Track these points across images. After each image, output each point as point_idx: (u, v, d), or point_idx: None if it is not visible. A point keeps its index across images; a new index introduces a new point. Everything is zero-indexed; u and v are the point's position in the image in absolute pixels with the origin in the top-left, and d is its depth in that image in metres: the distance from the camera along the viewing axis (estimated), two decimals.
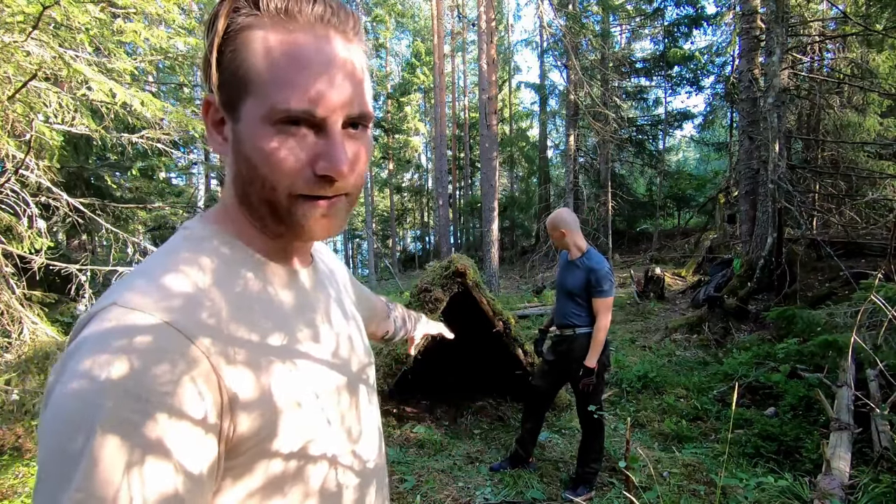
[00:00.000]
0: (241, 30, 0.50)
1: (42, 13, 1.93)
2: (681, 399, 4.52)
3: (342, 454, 0.59)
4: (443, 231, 18.18)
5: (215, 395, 0.46)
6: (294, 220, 0.53)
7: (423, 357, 3.71)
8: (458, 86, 26.62)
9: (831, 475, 2.56)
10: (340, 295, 0.70)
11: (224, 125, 0.54)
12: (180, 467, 0.42)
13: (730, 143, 16.04)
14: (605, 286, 2.87)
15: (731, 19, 14.21)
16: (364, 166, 0.56)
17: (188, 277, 0.50)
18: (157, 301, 0.46)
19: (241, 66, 0.50)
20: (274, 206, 0.52)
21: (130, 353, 0.42)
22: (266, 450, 0.50)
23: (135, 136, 3.22)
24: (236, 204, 0.56)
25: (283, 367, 0.52)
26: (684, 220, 17.74)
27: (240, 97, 0.50)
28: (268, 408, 0.50)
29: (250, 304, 0.53)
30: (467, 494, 2.99)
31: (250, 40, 0.49)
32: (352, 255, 33.56)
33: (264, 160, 0.50)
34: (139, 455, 0.40)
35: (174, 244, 0.55)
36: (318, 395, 0.56)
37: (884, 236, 8.20)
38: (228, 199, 0.58)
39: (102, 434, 0.40)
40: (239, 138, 0.52)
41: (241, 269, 0.55)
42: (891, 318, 1.88)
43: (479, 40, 12.07)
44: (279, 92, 0.48)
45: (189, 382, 0.44)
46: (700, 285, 8.89)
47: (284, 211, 0.52)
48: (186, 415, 0.43)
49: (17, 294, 2.72)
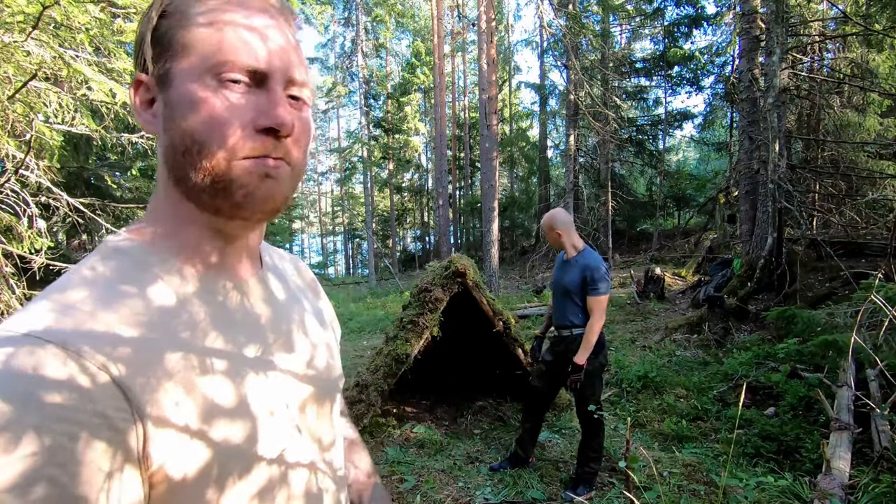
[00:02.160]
0: (179, 6, 0.49)
1: (42, 13, 1.93)
2: (681, 399, 4.52)
3: (316, 462, 0.59)
4: (443, 231, 18.18)
5: (126, 417, 0.41)
6: (235, 186, 0.48)
7: (423, 357, 3.71)
8: (458, 86, 26.61)
9: (831, 475, 2.56)
10: (296, 304, 0.65)
11: (154, 104, 0.51)
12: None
13: (730, 143, 16.03)
14: (599, 284, 2.86)
15: (731, 19, 14.20)
16: (306, 142, 0.53)
17: (93, 294, 0.45)
18: (52, 321, 0.42)
19: (176, 35, 0.49)
20: (214, 174, 0.48)
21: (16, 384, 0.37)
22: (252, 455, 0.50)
23: (135, 136, 3.21)
24: (170, 188, 0.52)
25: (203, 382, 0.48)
26: (684, 220, 17.74)
27: (174, 63, 0.49)
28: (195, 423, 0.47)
29: (159, 319, 0.48)
30: (467, 494, 2.99)
31: (188, 13, 0.49)
32: (352, 255, 33.56)
33: (201, 121, 0.47)
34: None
35: (89, 260, 0.50)
36: (289, 405, 0.56)
37: (884, 236, 8.20)
38: (161, 189, 0.53)
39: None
40: (171, 104, 0.49)
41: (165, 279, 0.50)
42: (891, 318, 1.88)
43: (479, 40, 12.08)
44: (217, 50, 0.48)
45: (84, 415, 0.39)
46: (700, 285, 8.89)
47: (224, 177, 0.48)
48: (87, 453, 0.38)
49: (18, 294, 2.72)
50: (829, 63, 10.66)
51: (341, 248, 33.96)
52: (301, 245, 39.98)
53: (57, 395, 0.38)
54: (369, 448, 3.50)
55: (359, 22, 21.95)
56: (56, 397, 0.38)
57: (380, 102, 24.44)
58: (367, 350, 6.85)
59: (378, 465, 3.31)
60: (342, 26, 24.82)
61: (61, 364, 0.39)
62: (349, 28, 23.92)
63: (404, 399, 4.49)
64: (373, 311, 11.55)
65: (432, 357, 3.91)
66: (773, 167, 6.91)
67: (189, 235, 0.53)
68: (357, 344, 7.97)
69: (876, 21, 7.95)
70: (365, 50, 22.65)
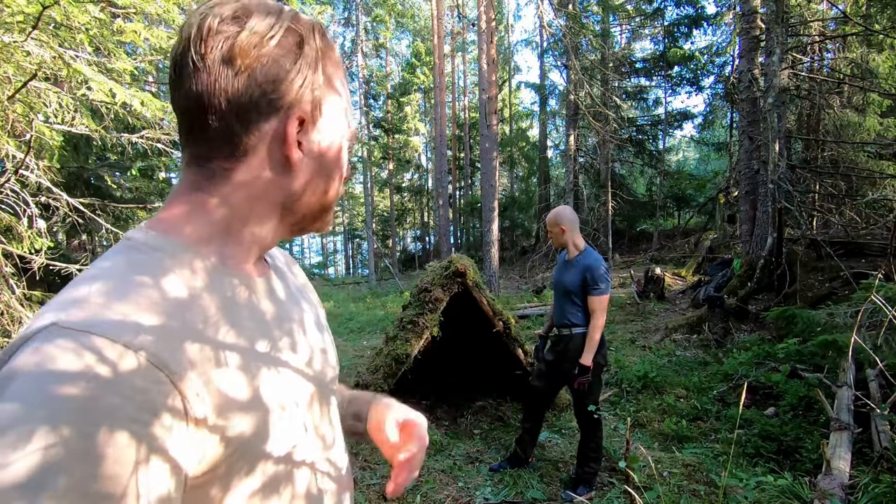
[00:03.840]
0: (327, 64, 0.58)
1: (42, 13, 1.93)
2: (681, 399, 4.52)
3: (319, 460, 0.60)
4: (443, 231, 18.18)
5: (170, 386, 0.42)
6: (327, 216, 0.63)
7: (423, 357, 3.71)
8: (458, 86, 26.62)
9: (831, 475, 2.56)
10: (295, 305, 0.67)
11: (301, 146, 0.57)
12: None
13: (730, 143, 16.03)
14: (600, 284, 2.87)
15: (731, 19, 14.20)
16: None
17: (156, 291, 0.47)
18: (115, 319, 0.42)
19: (324, 100, 0.57)
20: (325, 208, 0.61)
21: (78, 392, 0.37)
22: (262, 452, 0.50)
23: (135, 136, 3.21)
24: (268, 211, 0.57)
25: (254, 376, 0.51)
26: (684, 220, 17.74)
27: (317, 114, 0.57)
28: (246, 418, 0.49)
29: (224, 314, 0.51)
30: (467, 494, 2.99)
31: (331, 77, 0.58)
32: (352, 255, 33.57)
33: (340, 169, 0.61)
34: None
35: (120, 254, 0.52)
36: (298, 403, 0.56)
37: (884, 236, 8.19)
38: (215, 209, 0.54)
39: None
40: (320, 151, 0.58)
41: (221, 279, 0.53)
42: (891, 318, 1.88)
43: (479, 40, 12.08)
44: (343, 111, 0.61)
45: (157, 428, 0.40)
46: (700, 285, 8.89)
47: (328, 209, 0.62)
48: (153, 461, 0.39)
49: (17, 294, 2.72)
50: (829, 63, 10.66)
51: (341, 248, 33.98)
52: (301, 245, 39.99)
53: (104, 383, 0.39)
54: (369, 448, 3.50)
55: (359, 22, 21.95)
56: (104, 385, 0.38)
57: (380, 102, 24.44)
58: (367, 350, 6.85)
59: (378, 465, 3.31)
60: (342, 26, 24.82)
61: (108, 353, 0.40)
62: (349, 28, 23.94)
63: (404, 399, 4.41)
64: (373, 311, 11.55)
65: (432, 357, 3.90)
66: (773, 167, 6.91)
67: (232, 245, 0.56)
68: (357, 344, 7.97)
69: (876, 21, 7.95)
70: (365, 50, 22.66)
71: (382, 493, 2.96)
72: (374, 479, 3.11)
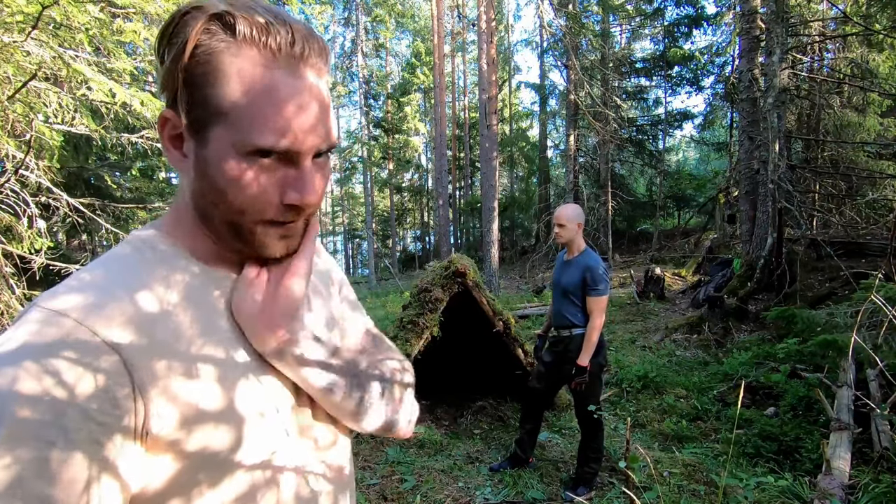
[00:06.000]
0: (214, 54, 0.48)
1: (42, 13, 1.93)
2: (681, 399, 4.52)
3: (311, 462, 0.59)
4: (443, 231, 18.18)
5: (130, 403, 0.45)
6: (255, 240, 0.54)
7: (423, 357, 3.71)
8: (458, 86, 26.61)
9: (831, 475, 2.56)
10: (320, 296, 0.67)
11: (183, 142, 0.53)
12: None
13: (730, 143, 16.02)
14: (599, 285, 2.87)
15: (731, 19, 14.20)
16: (324, 189, 0.56)
17: (129, 285, 0.49)
18: (82, 303, 0.46)
19: (213, 94, 0.48)
20: (237, 228, 0.53)
21: (44, 360, 0.42)
22: (230, 461, 0.50)
23: (135, 136, 3.22)
24: (194, 217, 0.56)
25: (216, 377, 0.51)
26: (684, 220, 17.74)
27: (209, 123, 0.49)
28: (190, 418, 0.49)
29: (178, 313, 0.51)
30: (467, 494, 2.99)
31: (224, 68, 0.48)
32: (352, 255, 33.55)
33: (234, 190, 0.50)
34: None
35: (120, 250, 0.54)
36: (279, 409, 0.56)
37: (884, 236, 8.19)
38: (184, 210, 0.56)
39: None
40: (206, 162, 0.50)
41: (183, 276, 0.54)
42: (891, 318, 1.88)
43: (479, 40, 12.07)
44: (254, 127, 0.48)
45: (97, 390, 0.43)
46: (700, 285, 8.89)
47: (247, 233, 0.53)
48: (95, 420, 0.42)
49: (18, 294, 2.72)
50: (829, 63, 10.65)
51: (341, 248, 33.96)
52: None
53: (68, 365, 0.43)
54: (369, 448, 3.50)
55: (359, 22, 21.94)
56: (68, 368, 0.43)
57: (380, 102, 24.44)
58: None
59: (378, 465, 3.31)
60: (342, 26, 24.85)
61: (75, 339, 0.44)
62: (349, 28, 23.94)
63: None
64: (373, 311, 11.54)
65: (432, 357, 3.90)
66: (773, 167, 6.91)
67: (207, 247, 0.57)
68: None
69: (876, 21, 7.95)
70: (365, 50, 22.65)
71: (382, 493, 2.96)
72: (373, 480, 3.11)
